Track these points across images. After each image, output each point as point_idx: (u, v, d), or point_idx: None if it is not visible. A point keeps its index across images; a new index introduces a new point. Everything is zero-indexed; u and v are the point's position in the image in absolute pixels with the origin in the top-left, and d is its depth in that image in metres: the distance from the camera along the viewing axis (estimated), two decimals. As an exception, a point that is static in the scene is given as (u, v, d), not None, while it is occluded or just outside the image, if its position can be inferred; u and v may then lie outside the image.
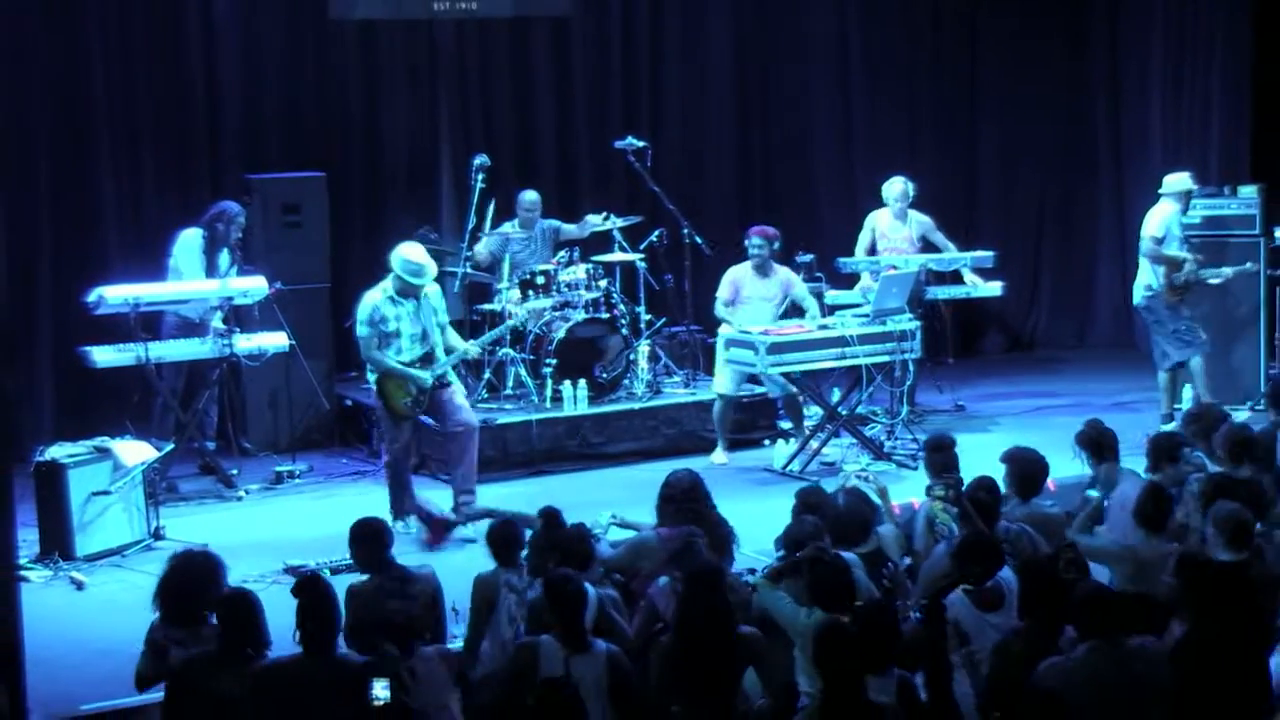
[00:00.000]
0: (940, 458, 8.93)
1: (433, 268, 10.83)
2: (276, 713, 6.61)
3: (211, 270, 12.19)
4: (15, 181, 12.55)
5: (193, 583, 7.26)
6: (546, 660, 6.81)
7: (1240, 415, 11.12)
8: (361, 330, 10.77)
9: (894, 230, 13.60)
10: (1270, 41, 16.16)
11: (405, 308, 10.74)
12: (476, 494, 10.96)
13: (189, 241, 12.21)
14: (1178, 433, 9.56)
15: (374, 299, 10.75)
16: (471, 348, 11.33)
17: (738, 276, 12.75)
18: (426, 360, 10.80)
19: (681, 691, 6.83)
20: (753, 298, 12.66)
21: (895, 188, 13.63)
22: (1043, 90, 16.45)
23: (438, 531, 10.54)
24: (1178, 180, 13.09)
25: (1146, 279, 12.94)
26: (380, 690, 6.48)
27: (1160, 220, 12.93)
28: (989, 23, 16.35)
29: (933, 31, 16.19)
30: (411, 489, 10.97)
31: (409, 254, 10.77)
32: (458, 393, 11.08)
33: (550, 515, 8.11)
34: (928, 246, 13.67)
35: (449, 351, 10.92)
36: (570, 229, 13.41)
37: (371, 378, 10.95)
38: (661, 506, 8.46)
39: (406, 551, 9.56)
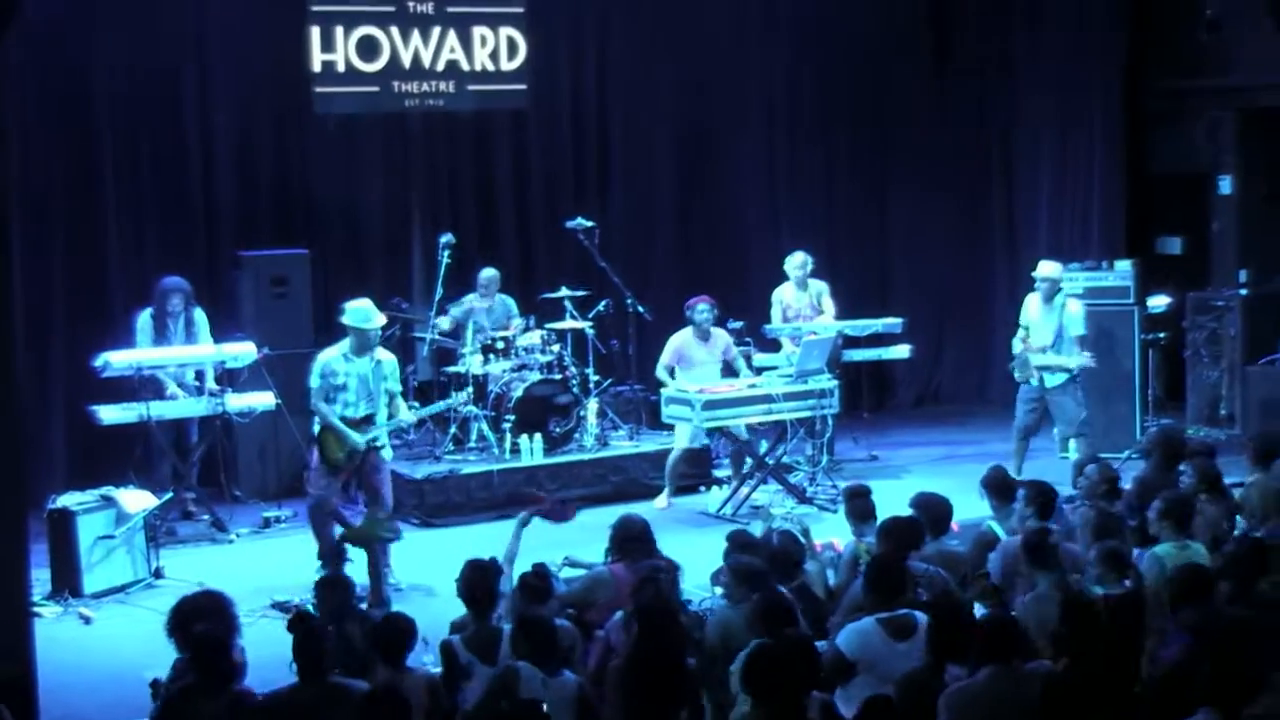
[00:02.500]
0: (858, 504, 8.93)
1: (379, 317, 10.66)
2: None
3: (163, 343, 12.08)
4: (34, 258, 12.47)
5: (205, 619, 7.14)
6: (526, 683, 6.71)
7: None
8: (314, 382, 10.53)
9: (797, 299, 13.59)
10: (1141, 136, 16.40)
11: (356, 366, 10.50)
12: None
13: (139, 321, 12.16)
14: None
15: (329, 355, 10.57)
16: (410, 415, 11.08)
17: (681, 343, 12.75)
18: (367, 421, 10.50)
19: (634, 715, 6.75)
20: (699, 360, 12.68)
21: (796, 260, 13.60)
22: (945, 176, 16.54)
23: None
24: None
25: None
26: None
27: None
28: (899, 117, 16.44)
29: (849, 125, 16.28)
30: (332, 532, 10.40)
31: (356, 304, 10.62)
32: (386, 472, 10.77)
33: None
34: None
35: (392, 418, 10.71)
36: (516, 322, 13.36)
37: (315, 428, 10.67)
38: (622, 545, 8.40)
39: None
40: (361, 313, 10.57)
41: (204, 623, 7.05)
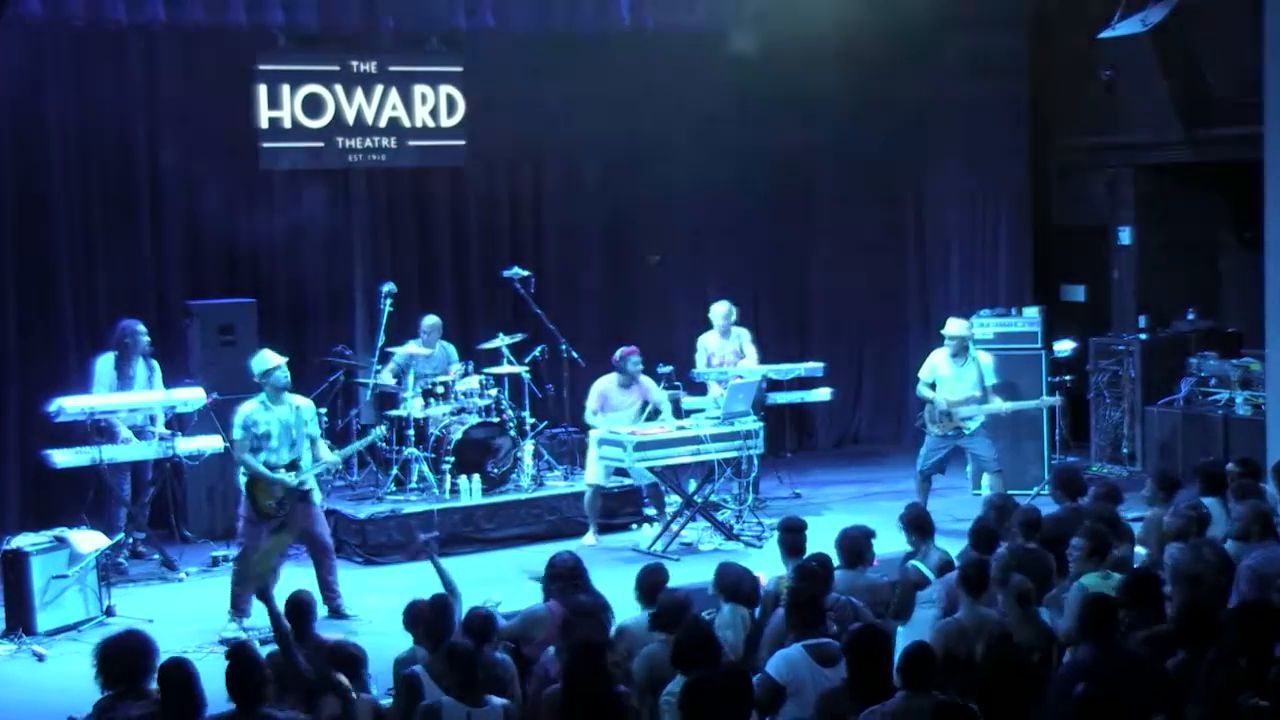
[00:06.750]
0: (791, 538, 8.92)
1: (276, 356, 10.57)
2: None
3: (126, 384, 11.99)
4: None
5: (130, 658, 6.89)
6: (449, 718, 6.69)
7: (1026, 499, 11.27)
8: (236, 434, 10.45)
9: (721, 347, 13.62)
10: (1045, 190, 16.61)
11: (276, 414, 10.45)
12: (341, 593, 10.75)
13: (100, 365, 12.03)
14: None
15: (249, 407, 10.49)
16: (335, 457, 11.06)
17: (604, 389, 12.76)
18: (292, 466, 10.47)
19: None
20: (620, 405, 12.69)
21: (720, 309, 13.65)
22: (862, 228, 16.64)
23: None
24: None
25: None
26: None
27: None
28: (819, 172, 16.54)
29: (771, 177, 16.29)
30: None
31: (263, 355, 10.64)
32: (318, 511, 10.72)
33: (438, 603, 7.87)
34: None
35: (317, 461, 10.67)
36: (455, 367, 13.31)
37: (242, 480, 10.52)
38: (549, 584, 8.43)
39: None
40: (259, 360, 10.57)
41: (131, 660, 6.86)
